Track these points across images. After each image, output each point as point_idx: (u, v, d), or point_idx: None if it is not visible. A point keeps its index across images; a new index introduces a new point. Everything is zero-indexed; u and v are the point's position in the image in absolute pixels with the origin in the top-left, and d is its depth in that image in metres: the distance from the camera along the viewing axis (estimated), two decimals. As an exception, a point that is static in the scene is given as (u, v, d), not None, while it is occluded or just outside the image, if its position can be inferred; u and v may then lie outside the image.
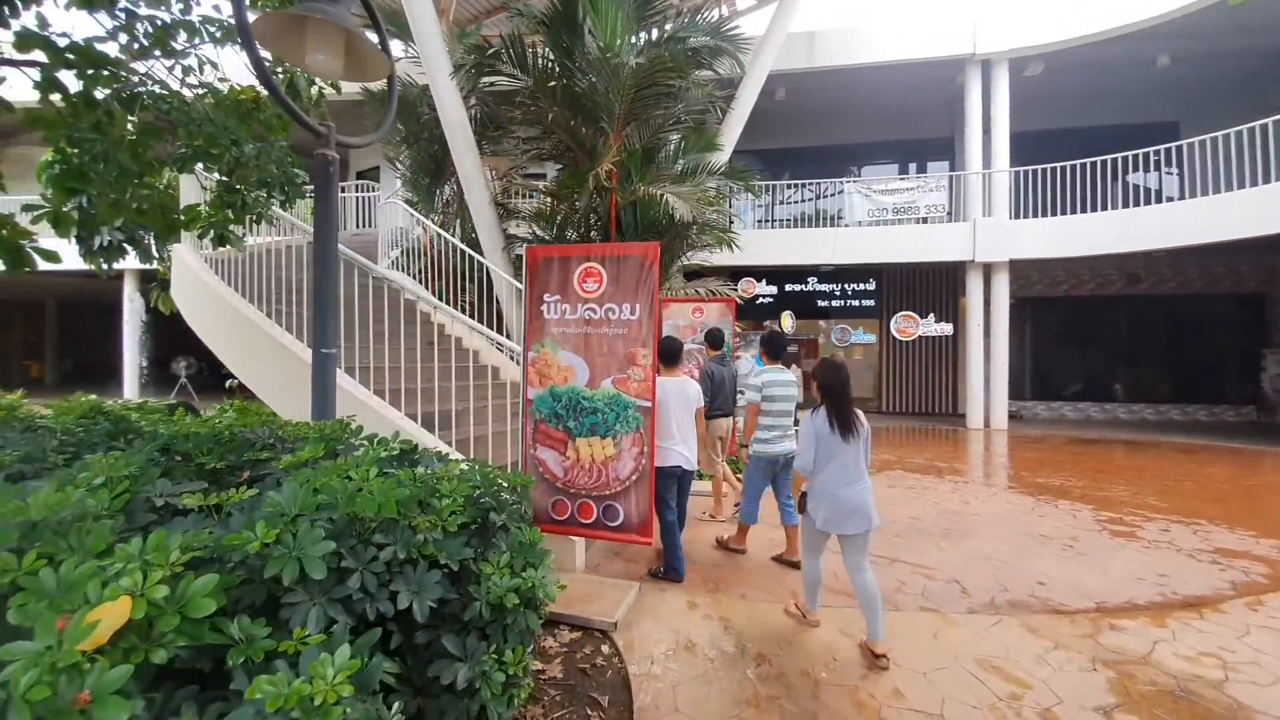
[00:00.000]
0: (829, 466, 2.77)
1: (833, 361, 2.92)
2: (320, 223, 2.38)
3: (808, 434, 2.81)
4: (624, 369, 3.20)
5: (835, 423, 2.75)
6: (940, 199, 11.44)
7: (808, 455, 2.81)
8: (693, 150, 7.03)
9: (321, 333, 2.34)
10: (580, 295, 3.26)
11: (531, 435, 3.39)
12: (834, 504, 2.77)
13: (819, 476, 2.80)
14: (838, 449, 2.76)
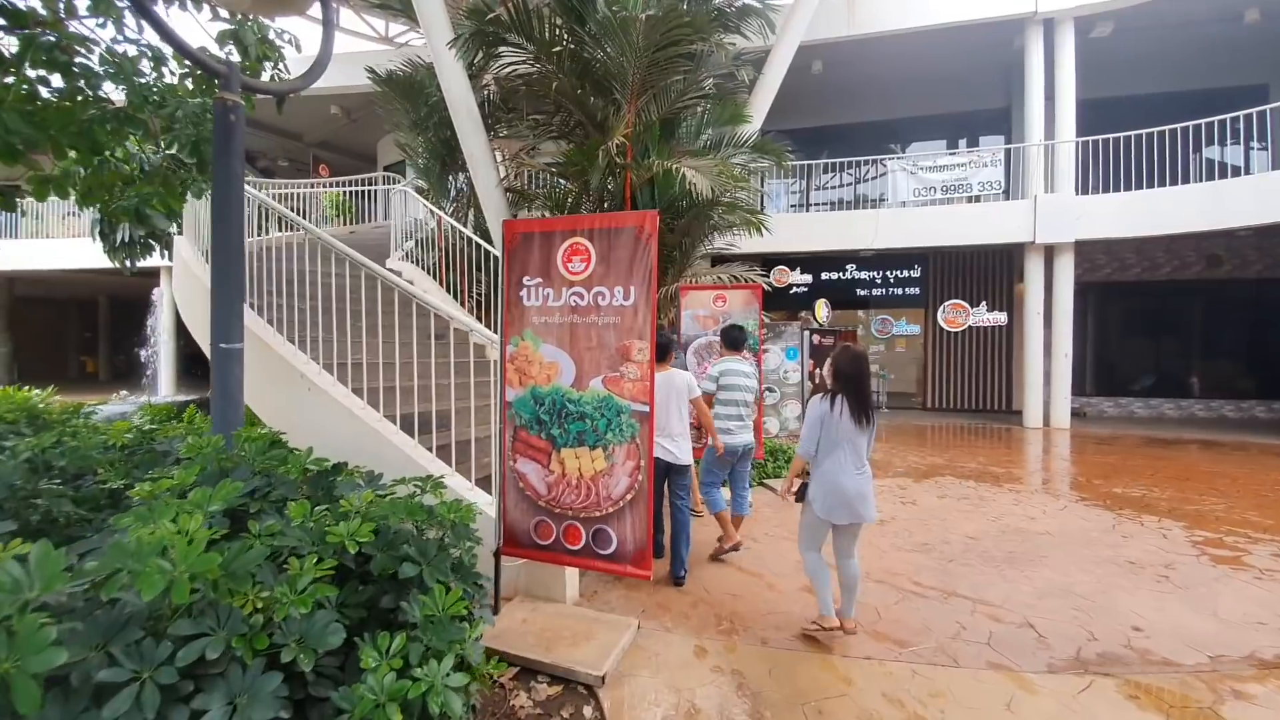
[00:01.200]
0: (834, 454, 2.76)
1: (852, 349, 2.91)
2: (220, 183, 1.91)
3: (812, 420, 2.80)
4: (616, 366, 2.64)
5: (854, 410, 2.74)
6: (995, 175, 10.41)
7: (810, 441, 2.80)
8: (717, 123, 6.37)
9: (222, 323, 1.88)
10: (565, 277, 2.71)
11: (511, 444, 2.87)
12: (837, 492, 2.76)
13: (824, 463, 2.79)
14: (845, 436, 2.75)
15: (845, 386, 2.80)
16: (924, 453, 7.78)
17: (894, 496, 5.51)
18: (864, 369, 2.84)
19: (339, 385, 3.95)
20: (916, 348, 13.29)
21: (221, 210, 1.92)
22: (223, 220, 1.91)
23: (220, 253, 1.92)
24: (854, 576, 2.88)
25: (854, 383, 2.79)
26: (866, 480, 2.81)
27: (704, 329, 5.50)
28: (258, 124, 16.70)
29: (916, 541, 4.26)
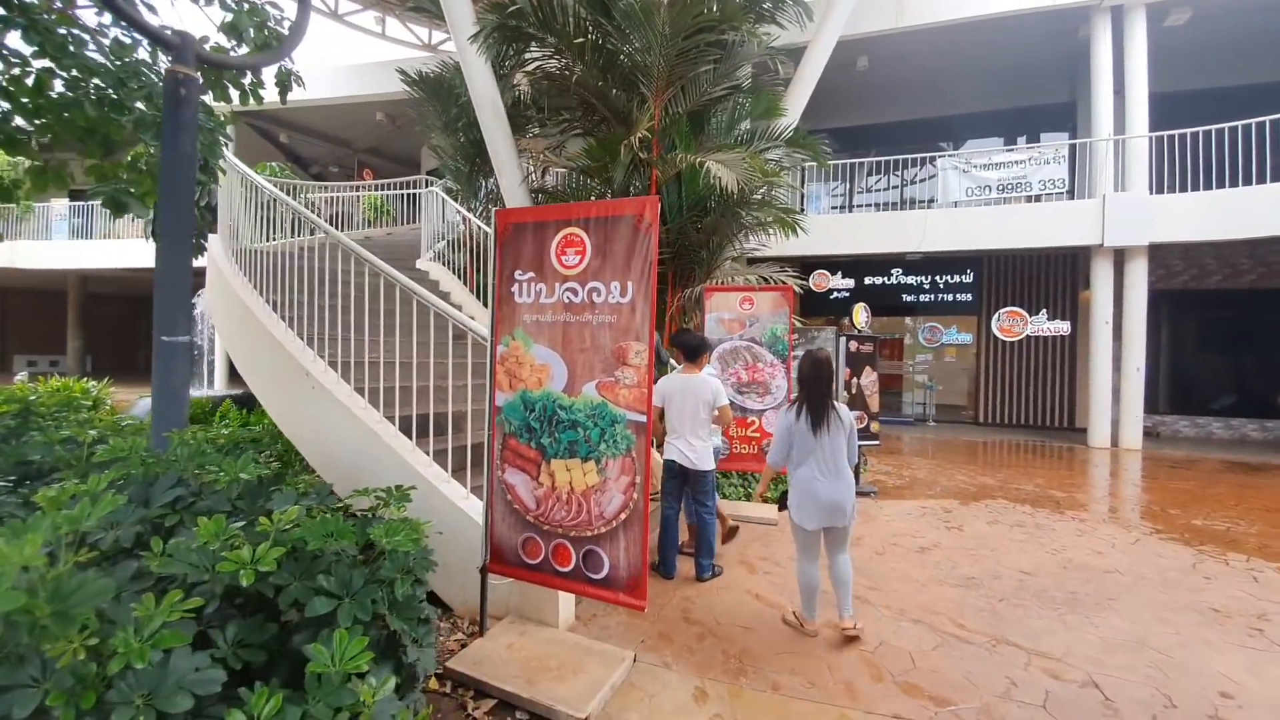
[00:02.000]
0: (807, 462, 2.80)
1: (814, 354, 2.89)
2: (169, 163, 1.74)
3: (780, 430, 2.87)
4: (611, 370, 2.36)
5: (807, 417, 2.79)
6: (1059, 173, 9.65)
7: (779, 451, 2.88)
8: (750, 117, 6.05)
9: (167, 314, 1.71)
10: (558, 271, 2.46)
11: (499, 452, 2.64)
12: (812, 500, 2.79)
13: (797, 471, 2.83)
14: (812, 444, 2.78)
15: (804, 392, 2.84)
16: (973, 471, 7.18)
17: (937, 520, 5.02)
18: (822, 373, 2.84)
19: (342, 384, 3.82)
20: (968, 358, 12.49)
21: (170, 191, 1.76)
22: (172, 202, 1.75)
23: (168, 237, 1.76)
24: (845, 575, 2.89)
25: (811, 387, 2.81)
26: (844, 488, 2.81)
27: (729, 333, 5.17)
28: (310, 130, 17.33)
29: (961, 575, 3.81)
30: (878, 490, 5.89)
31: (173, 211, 1.78)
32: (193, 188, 1.90)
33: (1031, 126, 12.25)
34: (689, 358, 3.58)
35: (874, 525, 4.82)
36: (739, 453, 5.12)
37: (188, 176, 1.81)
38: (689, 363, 3.58)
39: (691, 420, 3.48)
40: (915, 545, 4.33)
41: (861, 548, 4.25)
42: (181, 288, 1.79)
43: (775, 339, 5.04)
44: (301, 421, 4.13)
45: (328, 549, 1.37)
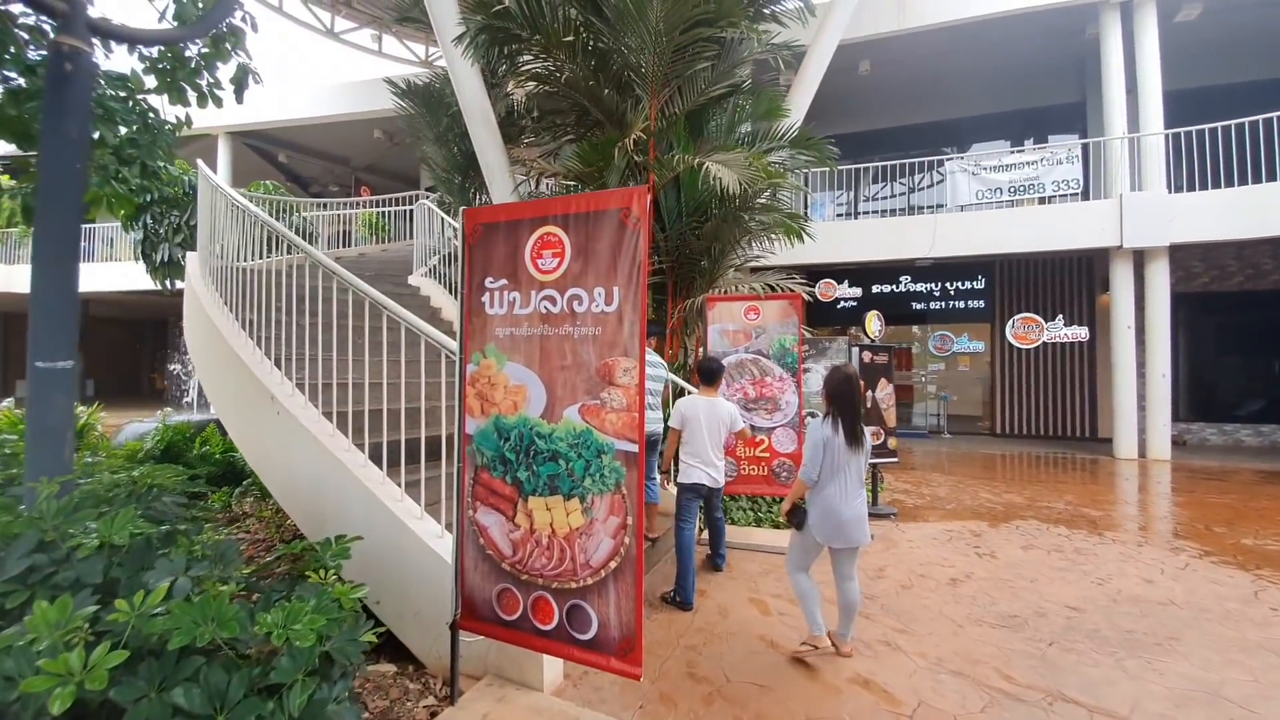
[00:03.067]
0: (837, 478, 2.72)
1: (843, 369, 2.83)
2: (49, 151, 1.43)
3: (815, 443, 2.73)
4: (596, 391, 2.01)
5: (846, 432, 2.71)
6: (1072, 173, 9.31)
7: (814, 466, 2.72)
8: (752, 118, 5.75)
9: (44, 335, 1.37)
10: (534, 278, 2.12)
11: (470, 488, 2.27)
12: (835, 519, 2.71)
13: (827, 488, 2.73)
14: (844, 461, 2.71)
15: (837, 408, 2.76)
16: (997, 488, 6.75)
17: (966, 546, 4.60)
18: (854, 389, 2.78)
19: (310, 408, 3.48)
20: (982, 366, 12.06)
21: (51, 187, 1.44)
22: (52, 199, 1.43)
23: (46, 240, 1.44)
24: (854, 600, 2.79)
25: (844, 403, 2.76)
26: (862, 504, 2.77)
27: (734, 345, 4.81)
28: (308, 150, 17.26)
29: (1001, 613, 3.39)
30: (897, 512, 5.48)
31: (53, 210, 1.46)
32: (80, 183, 1.58)
33: (1040, 128, 11.94)
34: (707, 381, 3.67)
35: (897, 553, 4.41)
36: (747, 474, 4.74)
37: (72, 169, 1.50)
38: (707, 386, 3.66)
39: (715, 444, 3.57)
40: (946, 576, 3.92)
41: (885, 580, 3.84)
42: (63, 303, 1.47)
43: (784, 351, 4.68)
44: (265, 450, 3.78)
45: (203, 643, 1.02)
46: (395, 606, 2.91)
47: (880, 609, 3.39)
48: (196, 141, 16.13)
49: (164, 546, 1.40)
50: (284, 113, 14.71)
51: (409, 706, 2.47)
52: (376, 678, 2.73)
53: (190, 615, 1.06)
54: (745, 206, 5.08)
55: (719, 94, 5.45)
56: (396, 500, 2.95)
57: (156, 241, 9.71)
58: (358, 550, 3.16)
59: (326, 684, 1.20)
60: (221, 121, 15.24)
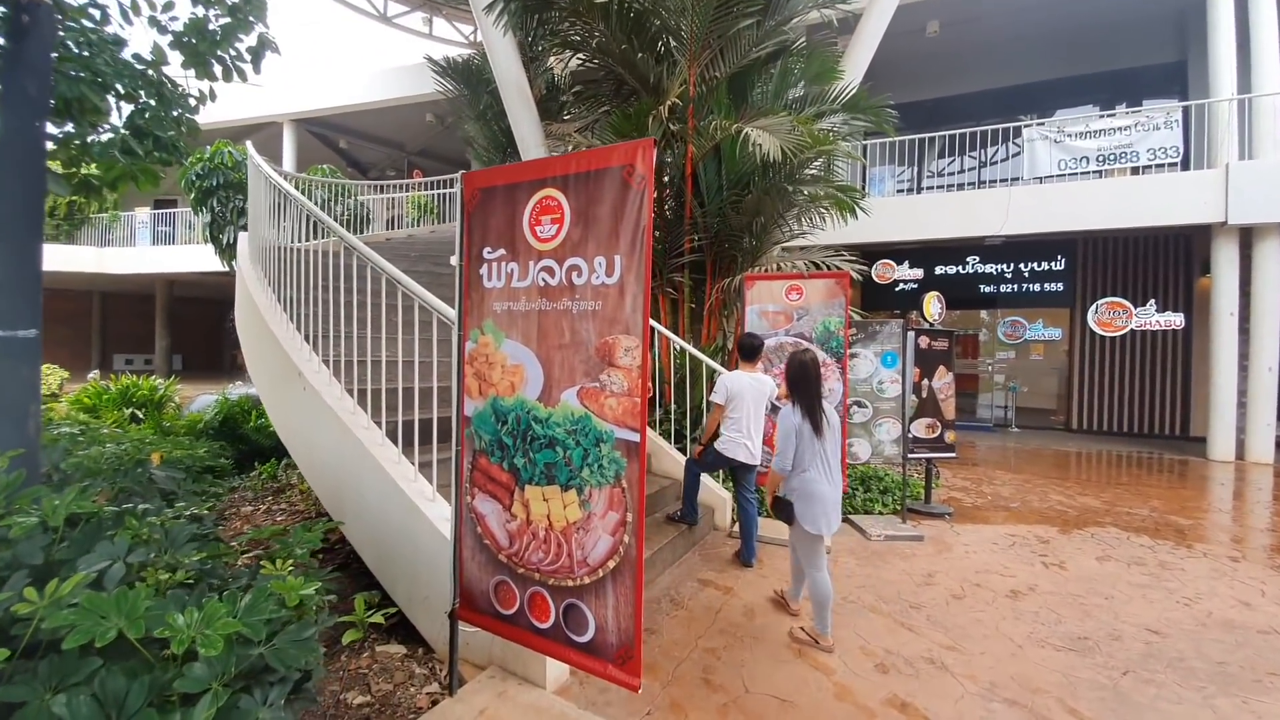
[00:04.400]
0: (815, 464, 2.74)
1: (799, 355, 2.85)
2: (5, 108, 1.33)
3: (786, 432, 2.75)
4: (595, 373, 1.81)
5: (808, 419, 2.74)
6: (1171, 139, 8.28)
7: (787, 455, 2.75)
8: (802, 80, 5.33)
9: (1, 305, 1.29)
10: (533, 246, 1.93)
11: (469, 473, 2.13)
12: (821, 504, 2.72)
13: (805, 475, 2.74)
14: (817, 447, 2.73)
15: (796, 396, 2.77)
16: (1070, 490, 6.15)
17: (1030, 553, 4.16)
18: (809, 374, 2.77)
19: (334, 384, 3.45)
20: (1057, 356, 11.10)
21: (8, 145, 1.36)
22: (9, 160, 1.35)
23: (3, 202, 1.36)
24: (828, 594, 2.74)
25: (802, 390, 2.76)
26: (839, 489, 2.81)
27: (774, 328, 4.50)
28: (364, 135, 17.73)
29: (1069, 634, 3.00)
30: (953, 511, 5.05)
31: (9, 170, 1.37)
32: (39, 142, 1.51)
33: (1132, 92, 10.71)
34: (748, 357, 3.70)
35: (950, 557, 4.03)
36: (785, 465, 4.45)
37: (31, 127, 1.42)
38: (747, 362, 3.70)
39: (756, 419, 3.65)
40: (1005, 588, 3.53)
41: (934, 587, 3.50)
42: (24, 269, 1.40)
43: (828, 334, 4.33)
44: (293, 426, 3.81)
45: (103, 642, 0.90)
46: (407, 589, 2.85)
47: (926, 620, 3.07)
48: (264, 129, 16.88)
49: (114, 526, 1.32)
50: (341, 99, 15.11)
51: (412, 692, 2.39)
52: (385, 659, 2.68)
53: (99, 609, 0.95)
54: (790, 177, 4.71)
55: (765, 54, 5.05)
56: (410, 481, 2.87)
57: (223, 224, 10.18)
58: (372, 529, 3.12)
59: (259, 690, 1.07)
60: (286, 110, 15.87)
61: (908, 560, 3.94)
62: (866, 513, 4.88)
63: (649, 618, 3.00)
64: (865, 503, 4.96)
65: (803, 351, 2.86)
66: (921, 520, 4.82)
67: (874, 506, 4.93)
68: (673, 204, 5.59)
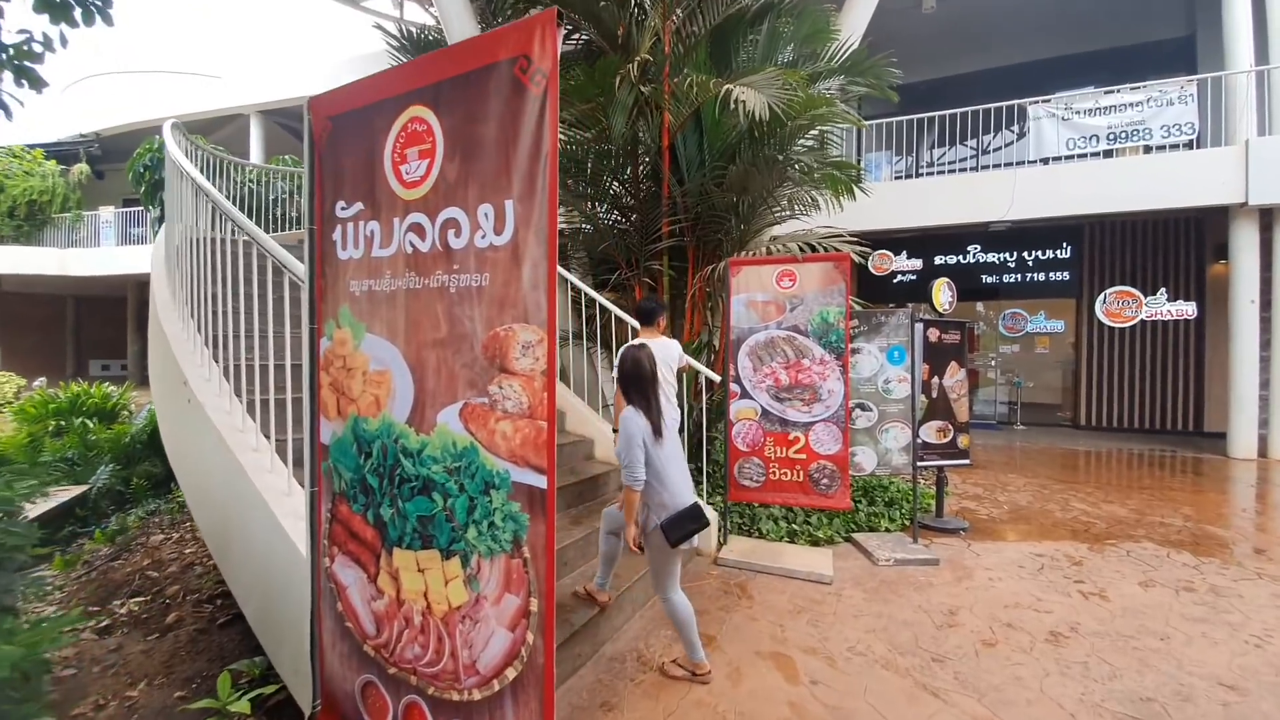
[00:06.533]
0: (670, 468, 2.35)
1: (630, 351, 2.49)
2: None
3: (631, 436, 2.26)
4: (482, 382, 1.19)
5: (650, 423, 2.33)
6: (1186, 115, 7.74)
7: (638, 465, 2.25)
8: (793, 42, 4.72)
9: None
10: (397, 195, 1.31)
11: (328, 525, 1.51)
12: (688, 513, 2.31)
13: (668, 482, 2.33)
14: (669, 449, 2.38)
15: (630, 394, 2.40)
16: (1092, 495, 5.58)
17: (1064, 579, 3.57)
18: (644, 370, 2.41)
19: (223, 395, 2.81)
20: (1062, 349, 10.58)
21: None
22: None
23: None
24: (688, 611, 2.41)
25: (636, 386, 2.39)
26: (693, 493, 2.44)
27: (764, 321, 3.89)
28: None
29: (1128, 693, 2.41)
30: (969, 526, 4.46)
31: None
32: None
33: (1138, 70, 10.15)
34: (646, 321, 3.39)
35: (972, 587, 3.43)
36: (778, 480, 3.84)
37: None
38: (648, 327, 3.38)
39: (667, 385, 3.25)
40: (1042, 628, 2.94)
41: (959, 631, 2.90)
42: None
43: (826, 326, 3.73)
44: (178, 445, 3.17)
45: None
46: (293, 659, 2.22)
47: (954, 680, 2.47)
48: (232, 122, 16.15)
49: None
50: (305, 88, 14.35)
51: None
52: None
53: None
54: (781, 147, 4.10)
55: (752, 12, 4.44)
56: (297, 520, 2.24)
57: (171, 218, 9.53)
58: (257, 578, 2.50)
59: None
60: (252, 101, 15.13)
61: (923, 592, 3.35)
62: (871, 530, 4.29)
63: (609, 685, 2.39)
64: (870, 518, 4.36)
65: (637, 346, 2.49)
66: (934, 538, 4.24)
67: (880, 523, 4.34)
68: (649, 183, 4.97)
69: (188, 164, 3.39)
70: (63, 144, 18.22)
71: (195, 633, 2.91)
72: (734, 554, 3.72)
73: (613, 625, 2.75)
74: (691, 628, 2.40)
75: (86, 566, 3.97)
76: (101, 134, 17.79)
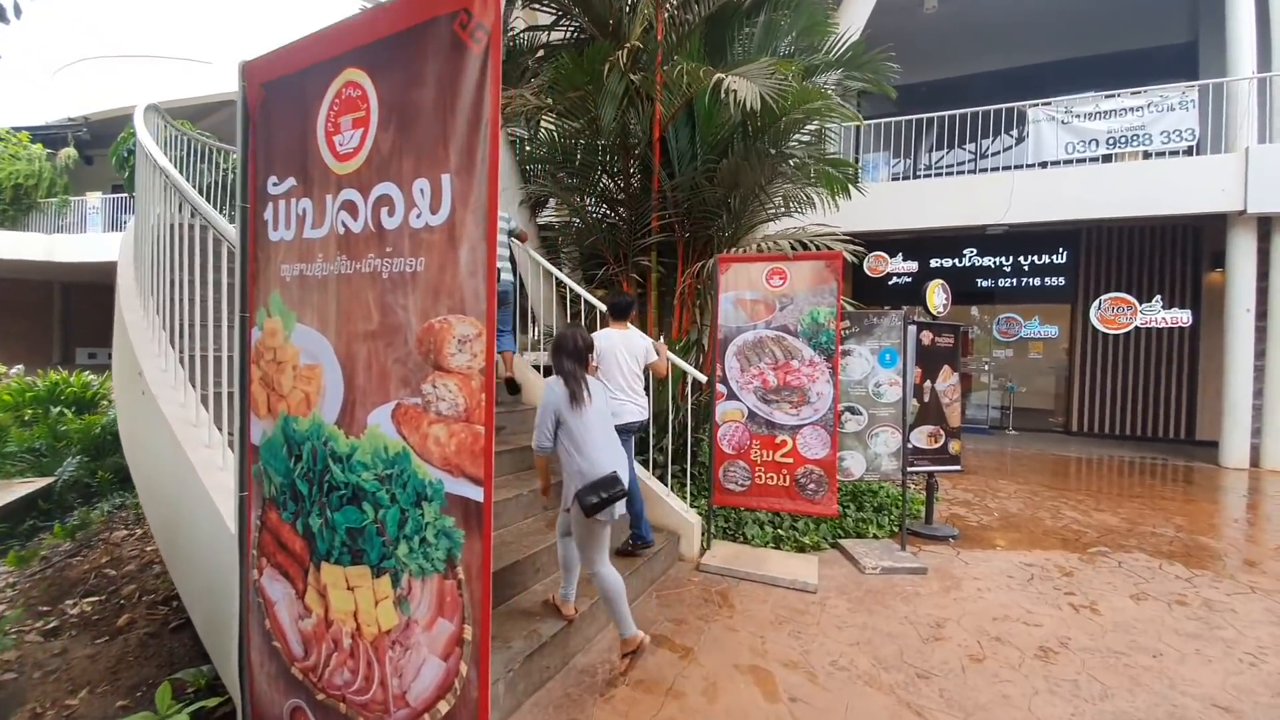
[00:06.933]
0: (590, 438, 2.37)
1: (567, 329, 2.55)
2: None
3: (547, 405, 2.39)
4: (415, 380, 1.06)
5: (568, 390, 2.38)
6: (1186, 121, 7.67)
7: (545, 428, 2.39)
8: (789, 34, 4.60)
9: None
10: (331, 168, 1.17)
11: (257, 534, 1.37)
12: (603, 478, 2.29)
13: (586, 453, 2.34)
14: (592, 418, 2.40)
15: (555, 364, 2.47)
16: (1083, 503, 5.50)
17: (1054, 590, 3.48)
18: (563, 344, 2.45)
19: (179, 388, 2.67)
20: (1055, 354, 10.52)
21: None
22: None
23: None
24: (618, 588, 2.39)
25: (557, 355, 2.46)
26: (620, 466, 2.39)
27: (752, 320, 3.77)
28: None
29: (1119, 711, 2.31)
30: (958, 534, 4.36)
31: None
32: None
33: (1139, 75, 10.06)
34: (618, 315, 3.41)
35: (960, 598, 3.33)
36: (764, 484, 3.73)
37: None
38: (618, 320, 3.39)
39: (634, 374, 3.31)
40: (1031, 642, 2.84)
41: (946, 645, 2.79)
42: None
43: (817, 326, 3.61)
44: (134, 440, 3.03)
45: None
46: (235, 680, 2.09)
47: (939, 697, 2.36)
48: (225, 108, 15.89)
49: None
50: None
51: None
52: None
53: None
54: (775, 140, 3.98)
55: (747, 1, 4.31)
56: (246, 521, 2.10)
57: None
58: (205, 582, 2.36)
59: None
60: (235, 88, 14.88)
61: (910, 602, 3.24)
62: (859, 536, 4.18)
63: (577, 701, 2.27)
64: (858, 524, 4.25)
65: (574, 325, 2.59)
66: (923, 545, 4.14)
67: (868, 529, 4.23)
68: (640, 177, 4.84)
69: (150, 143, 3.23)
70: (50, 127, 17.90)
71: (146, 636, 2.77)
72: (716, 560, 3.60)
73: (584, 636, 2.63)
74: (620, 602, 2.37)
75: (44, 563, 3.82)
76: (90, 118, 17.48)
